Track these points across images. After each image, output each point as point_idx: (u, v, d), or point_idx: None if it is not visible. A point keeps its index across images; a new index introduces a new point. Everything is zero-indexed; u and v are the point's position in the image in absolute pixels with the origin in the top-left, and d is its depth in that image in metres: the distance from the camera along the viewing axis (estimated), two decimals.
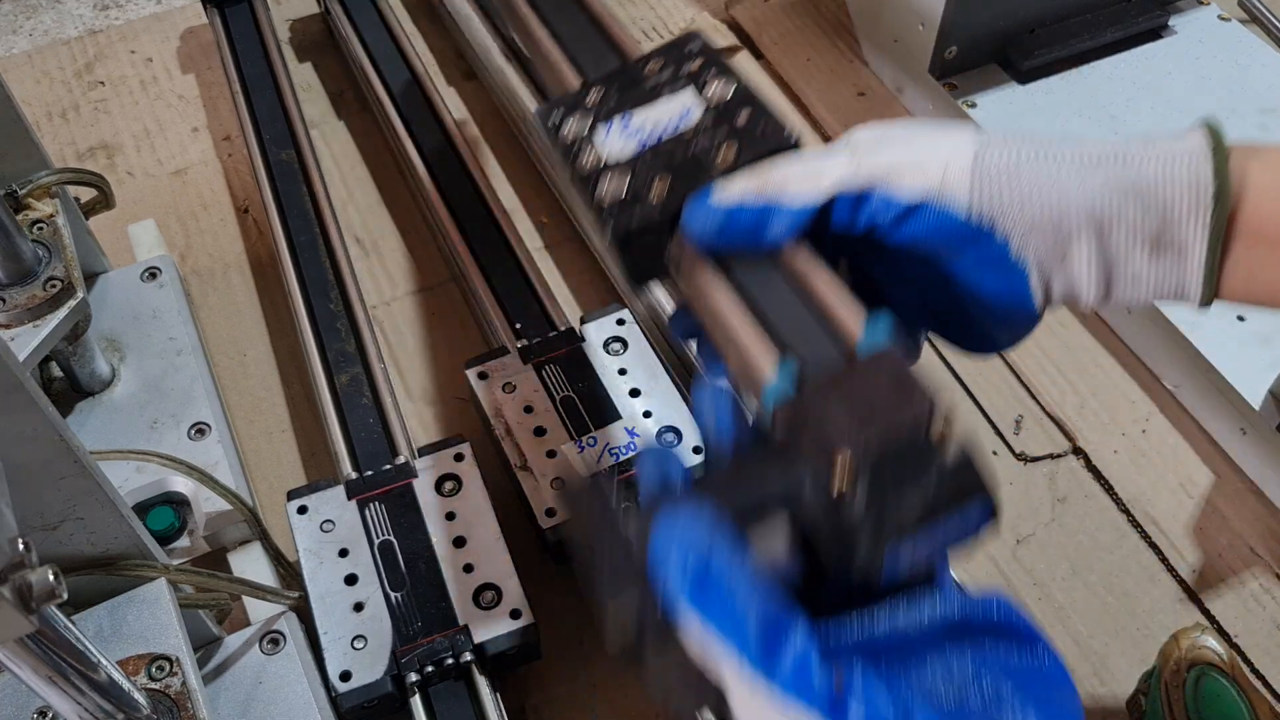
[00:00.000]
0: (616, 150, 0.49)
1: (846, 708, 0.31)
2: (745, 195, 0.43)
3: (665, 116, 0.50)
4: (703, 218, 0.43)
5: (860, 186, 0.42)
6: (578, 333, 0.81)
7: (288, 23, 1.21)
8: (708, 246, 0.44)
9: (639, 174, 0.48)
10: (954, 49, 1.00)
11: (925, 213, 0.41)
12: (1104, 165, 0.40)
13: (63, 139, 1.11)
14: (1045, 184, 0.40)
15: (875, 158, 0.42)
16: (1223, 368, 0.79)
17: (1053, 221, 0.40)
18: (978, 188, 0.41)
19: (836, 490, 0.35)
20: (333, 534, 0.70)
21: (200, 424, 0.79)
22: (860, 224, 0.42)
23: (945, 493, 0.35)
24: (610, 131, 0.50)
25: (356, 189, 1.05)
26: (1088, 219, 0.40)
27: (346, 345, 0.83)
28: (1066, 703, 0.35)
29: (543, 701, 0.73)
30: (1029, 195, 0.40)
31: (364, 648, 0.65)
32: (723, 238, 0.43)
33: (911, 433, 0.36)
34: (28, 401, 0.47)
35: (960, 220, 0.41)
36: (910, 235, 0.42)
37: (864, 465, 0.35)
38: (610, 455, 0.73)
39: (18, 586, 0.38)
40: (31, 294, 0.72)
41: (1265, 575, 0.78)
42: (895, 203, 0.42)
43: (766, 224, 0.42)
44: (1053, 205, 0.40)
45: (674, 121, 0.50)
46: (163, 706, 0.55)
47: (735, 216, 0.43)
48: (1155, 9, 1.05)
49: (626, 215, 0.46)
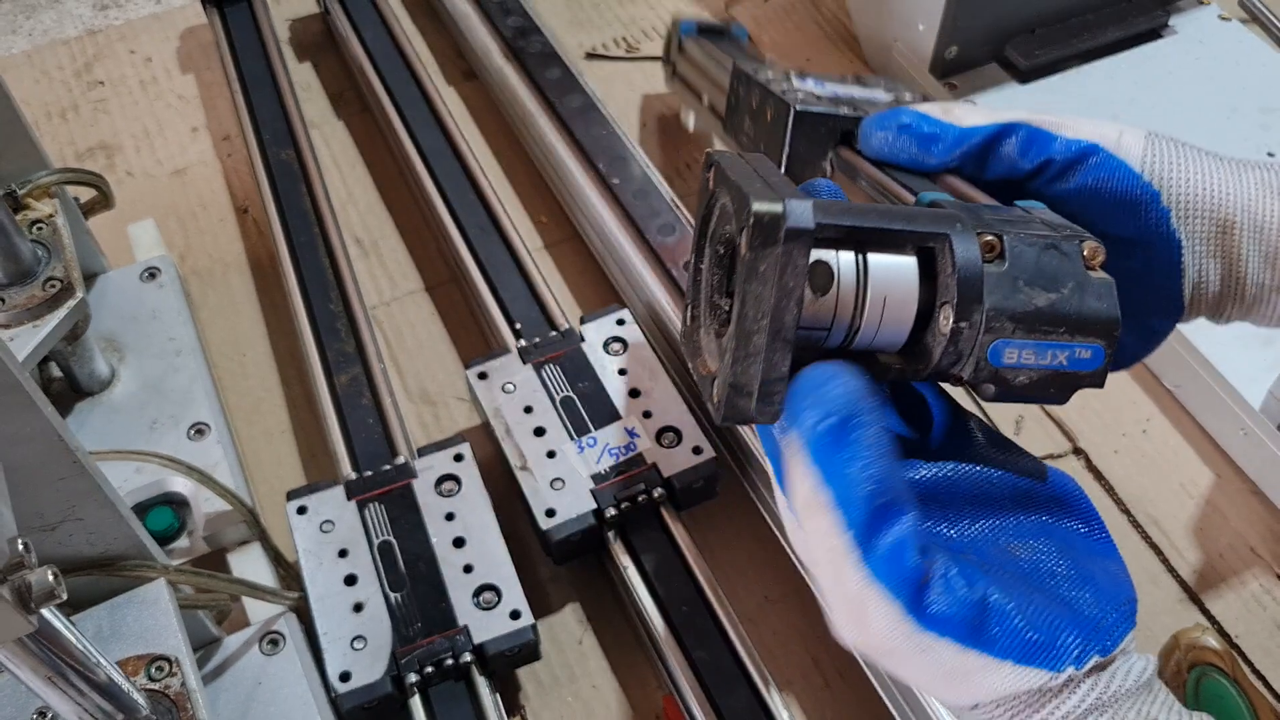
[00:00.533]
0: (810, 89, 0.58)
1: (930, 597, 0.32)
2: (927, 110, 0.44)
3: (857, 92, 0.60)
4: (883, 120, 0.45)
5: (1036, 124, 0.42)
6: (578, 333, 0.81)
7: (288, 23, 1.21)
8: (879, 149, 0.45)
9: (827, 100, 0.55)
10: (954, 49, 1.00)
11: (1100, 158, 0.41)
12: (1257, 170, 0.42)
13: (62, 139, 1.10)
14: (1209, 169, 0.41)
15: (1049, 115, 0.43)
16: (1223, 368, 0.79)
17: (1214, 203, 0.41)
18: (1151, 151, 0.42)
19: (982, 241, 0.35)
20: (332, 534, 0.70)
21: (200, 424, 0.79)
22: (1030, 161, 0.42)
23: (1073, 308, 0.34)
24: (806, 80, 0.60)
25: (356, 189, 1.05)
26: (1243, 210, 0.41)
27: (346, 345, 0.83)
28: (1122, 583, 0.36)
29: (542, 703, 0.73)
30: (1195, 174, 0.41)
31: (364, 648, 0.65)
32: (895, 144, 0.44)
33: (1068, 234, 0.36)
34: (27, 402, 0.47)
35: (1133, 173, 0.41)
36: (1078, 183, 0.42)
37: (1017, 238, 0.35)
38: (610, 455, 0.73)
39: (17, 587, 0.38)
40: (31, 294, 0.72)
41: (1266, 575, 0.78)
42: (1072, 142, 0.42)
43: (937, 138, 0.43)
44: (1215, 189, 0.41)
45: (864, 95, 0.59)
46: (162, 707, 0.55)
47: (911, 125, 0.44)
48: (1155, 9, 1.05)
49: (815, 109, 0.54)
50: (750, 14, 1.19)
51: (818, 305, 0.35)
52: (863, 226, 0.35)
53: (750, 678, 0.66)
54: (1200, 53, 1.04)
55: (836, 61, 1.14)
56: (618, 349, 0.80)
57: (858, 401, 0.34)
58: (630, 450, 0.74)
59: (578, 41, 1.18)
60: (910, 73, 1.03)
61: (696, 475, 0.73)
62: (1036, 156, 0.42)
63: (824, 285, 0.35)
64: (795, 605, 0.76)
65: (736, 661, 0.67)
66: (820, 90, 0.59)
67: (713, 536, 0.79)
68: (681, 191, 1.02)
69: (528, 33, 1.06)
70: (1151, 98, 1.00)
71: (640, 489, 0.72)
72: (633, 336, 0.80)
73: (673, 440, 0.74)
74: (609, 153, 0.94)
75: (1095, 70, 1.03)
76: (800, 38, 1.17)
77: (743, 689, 0.66)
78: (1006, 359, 0.34)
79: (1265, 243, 0.41)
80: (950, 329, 0.35)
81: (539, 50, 1.04)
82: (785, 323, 0.34)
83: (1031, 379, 0.35)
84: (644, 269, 0.87)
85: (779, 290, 0.33)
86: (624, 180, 0.92)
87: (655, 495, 0.72)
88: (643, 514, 0.73)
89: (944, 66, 1.01)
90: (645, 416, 0.75)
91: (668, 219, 0.89)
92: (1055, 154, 0.42)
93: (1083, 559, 0.37)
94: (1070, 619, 0.34)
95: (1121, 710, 0.34)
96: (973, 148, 0.43)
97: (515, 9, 1.09)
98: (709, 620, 0.69)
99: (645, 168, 0.93)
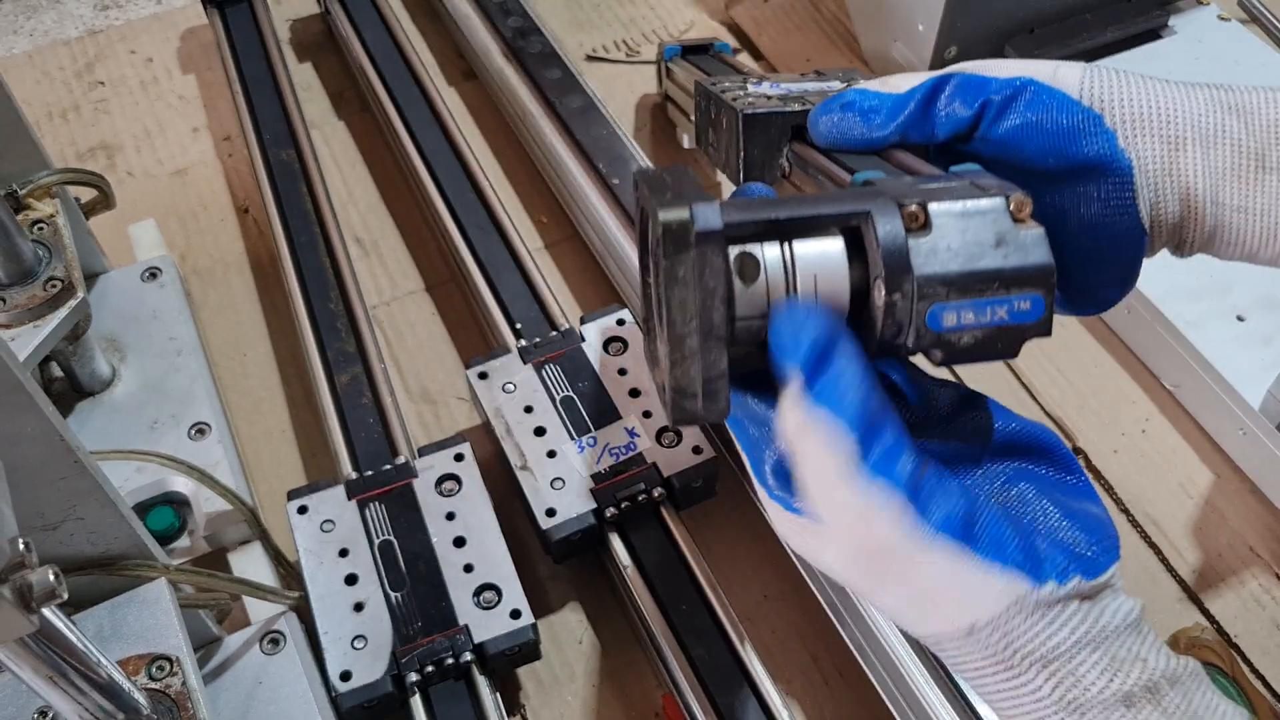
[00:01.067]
0: (764, 91, 0.60)
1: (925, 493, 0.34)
2: (865, 85, 0.46)
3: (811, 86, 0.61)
4: (827, 105, 0.46)
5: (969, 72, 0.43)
6: (578, 333, 0.81)
7: (288, 23, 1.21)
8: (827, 134, 0.46)
9: (780, 100, 0.57)
10: (954, 49, 1.00)
11: (1035, 89, 0.42)
12: (1205, 89, 0.41)
13: (63, 139, 1.11)
14: (1153, 89, 0.41)
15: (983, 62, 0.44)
16: (1223, 368, 0.79)
17: (1162, 119, 0.41)
18: (1090, 78, 0.42)
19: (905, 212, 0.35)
20: (333, 534, 0.70)
21: (200, 424, 0.79)
22: (968, 107, 0.42)
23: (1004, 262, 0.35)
24: (762, 85, 0.62)
25: (356, 189, 1.05)
26: (1192, 127, 0.40)
27: (346, 345, 0.83)
28: (1104, 521, 0.37)
29: (542, 702, 0.73)
30: (1138, 94, 0.41)
31: (364, 648, 0.65)
32: (841, 126, 0.45)
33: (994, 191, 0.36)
34: (28, 402, 0.48)
35: (1070, 100, 0.41)
36: (1018, 120, 0.42)
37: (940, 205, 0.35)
38: (610, 455, 0.73)
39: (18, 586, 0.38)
40: (32, 294, 0.72)
41: (1265, 575, 0.78)
42: (1005, 80, 0.42)
43: (877, 109, 0.44)
44: (1161, 107, 0.41)
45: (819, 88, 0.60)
46: (163, 707, 0.55)
47: (853, 103, 0.45)
48: (1155, 9, 1.05)
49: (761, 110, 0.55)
50: (750, 14, 1.19)
51: (750, 295, 0.36)
52: (780, 217, 0.36)
53: (750, 676, 0.66)
54: (1200, 53, 1.04)
55: (836, 62, 1.14)
56: (618, 349, 0.80)
57: (837, 328, 0.35)
58: (630, 450, 0.74)
59: (578, 42, 1.18)
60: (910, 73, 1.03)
61: (696, 475, 0.73)
62: (972, 101, 0.42)
63: (754, 275, 0.36)
64: (794, 603, 0.76)
65: (736, 660, 0.67)
66: (774, 91, 0.61)
67: (712, 536, 0.79)
68: None
69: (528, 33, 1.06)
70: None
71: (640, 488, 0.72)
72: (633, 336, 0.81)
73: (673, 440, 0.74)
74: (609, 153, 0.94)
75: None
76: (800, 38, 1.17)
77: (742, 688, 0.66)
78: (946, 322, 0.35)
79: (1219, 158, 0.40)
80: (885, 302, 0.36)
81: (539, 51, 1.04)
82: (714, 321, 0.35)
83: (976, 338, 0.36)
84: None
85: (701, 291, 0.35)
86: (624, 180, 0.92)
87: (655, 495, 0.72)
88: (642, 513, 0.73)
89: (944, 67, 1.01)
90: (645, 416, 0.76)
91: None
92: (991, 94, 0.42)
93: (1064, 500, 0.37)
94: (1053, 539, 0.35)
95: (1112, 648, 0.34)
96: (914, 111, 0.44)
97: (515, 9, 1.09)
98: (709, 619, 0.69)
99: None
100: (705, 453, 0.73)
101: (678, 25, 1.20)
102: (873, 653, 0.69)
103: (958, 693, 0.63)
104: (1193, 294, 0.85)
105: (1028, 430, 0.40)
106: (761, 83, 0.64)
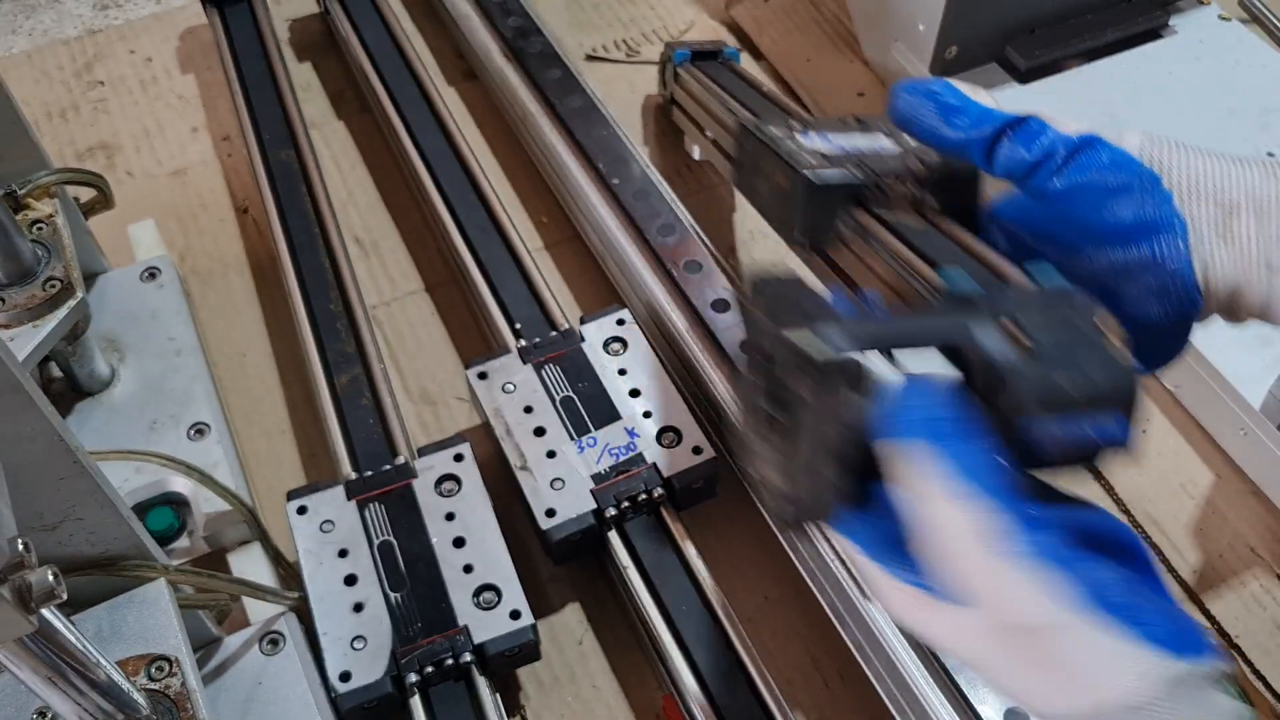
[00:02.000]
0: (818, 146, 0.61)
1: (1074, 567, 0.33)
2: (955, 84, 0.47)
3: (862, 143, 0.61)
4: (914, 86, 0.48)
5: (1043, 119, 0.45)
6: (578, 333, 0.81)
7: (288, 23, 1.21)
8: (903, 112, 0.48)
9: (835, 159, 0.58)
10: (954, 49, 1.00)
11: (1099, 146, 0.43)
12: (1259, 163, 0.42)
13: (62, 139, 1.11)
14: (1209, 159, 0.43)
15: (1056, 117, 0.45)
16: (1223, 368, 0.79)
17: (1216, 186, 0.42)
18: (1149, 144, 0.43)
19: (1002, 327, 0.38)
20: (332, 534, 0.70)
21: (200, 424, 0.79)
22: (1034, 153, 0.44)
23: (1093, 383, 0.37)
24: (810, 136, 0.62)
25: (356, 189, 1.05)
26: (1246, 194, 0.42)
27: (346, 345, 0.83)
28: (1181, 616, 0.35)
29: (542, 703, 0.73)
30: (1194, 162, 0.43)
31: (364, 648, 0.65)
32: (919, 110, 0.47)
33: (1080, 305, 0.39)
34: (27, 402, 0.47)
35: (1132, 159, 0.43)
36: (1080, 172, 0.43)
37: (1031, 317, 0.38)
38: (610, 455, 0.73)
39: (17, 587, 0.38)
40: (31, 294, 0.72)
41: (1266, 576, 0.78)
42: (1069, 136, 0.44)
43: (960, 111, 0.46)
44: (1216, 175, 0.42)
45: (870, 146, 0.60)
46: (162, 707, 0.55)
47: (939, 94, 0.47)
48: (1155, 9, 1.05)
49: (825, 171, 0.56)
50: (750, 14, 1.19)
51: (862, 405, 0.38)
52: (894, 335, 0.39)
53: (750, 678, 0.66)
54: (1200, 53, 1.04)
55: (836, 62, 1.14)
56: (618, 349, 0.80)
57: (965, 402, 0.36)
58: (630, 450, 0.74)
59: (578, 42, 1.18)
60: (910, 73, 1.03)
61: (696, 475, 0.73)
62: (1041, 148, 0.44)
63: (867, 388, 0.38)
64: (795, 605, 0.76)
65: (736, 661, 0.67)
66: (827, 147, 0.61)
67: (713, 536, 0.79)
68: (681, 192, 1.02)
69: (528, 33, 1.06)
70: (1151, 98, 1.00)
71: (640, 489, 0.72)
72: (633, 336, 0.81)
73: (673, 440, 0.74)
74: (609, 153, 0.94)
75: (1095, 70, 1.03)
76: (800, 38, 1.17)
77: (743, 689, 0.66)
78: (1034, 434, 0.36)
79: (1273, 225, 0.41)
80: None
81: (539, 51, 1.04)
82: (829, 438, 0.37)
83: (1060, 451, 0.37)
84: (644, 269, 0.87)
85: (819, 408, 0.37)
86: (624, 180, 0.92)
87: (655, 495, 0.72)
88: (643, 514, 0.73)
89: (944, 66, 1.01)
90: (645, 416, 0.76)
91: (668, 219, 0.89)
92: (1058, 144, 0.44)
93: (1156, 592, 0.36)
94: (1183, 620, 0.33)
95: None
96: (987, 131, 0.45)
97: (515, 9, 1.09)
98: (709, 620, 0.69)
99: (645, 168, 0.93)
100: (705, 453, 0.73)
101: (678, 25, 1.20)
102: (873, 654, 0.68)
103: (958, 694, 0.63)
104: None
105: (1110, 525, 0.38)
106: (808, 133, 0.64)
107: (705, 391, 0.80)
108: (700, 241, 0.88)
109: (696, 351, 0.81)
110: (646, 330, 0.82)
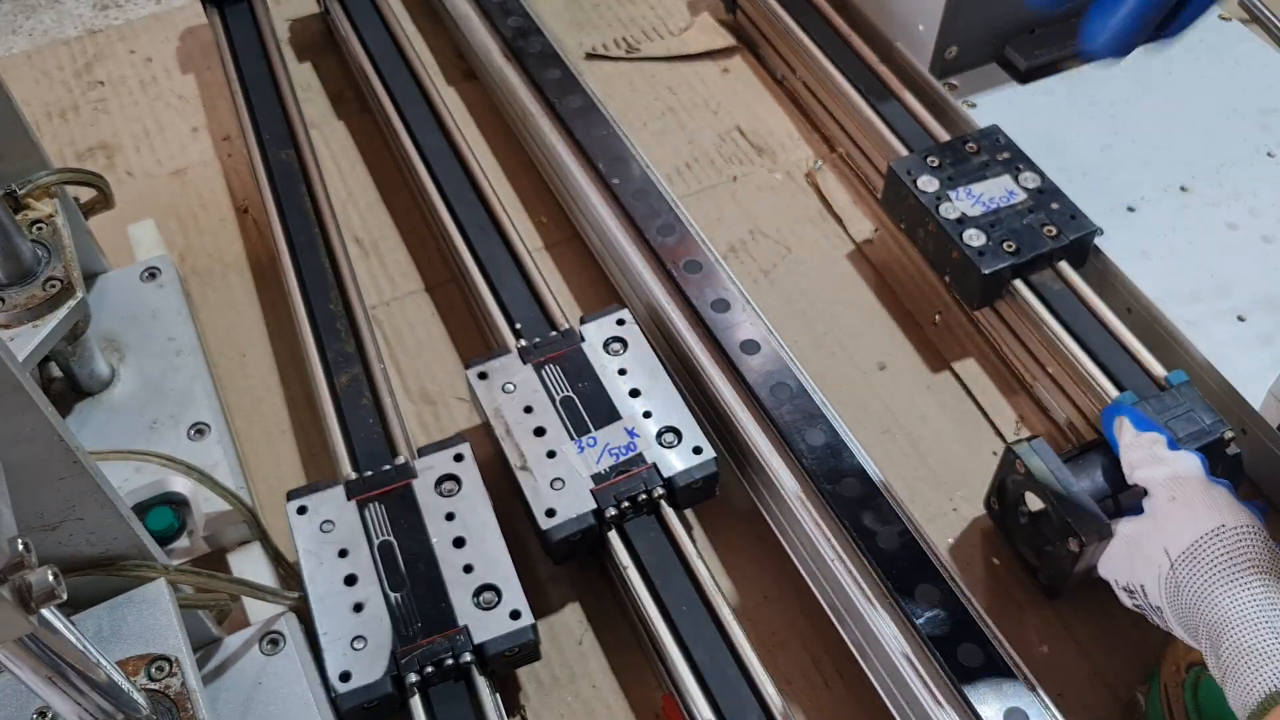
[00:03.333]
0: (968, 209, 0.84)
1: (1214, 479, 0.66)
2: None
3: (996, 192, 0.85)
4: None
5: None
6: (578, 333, 0.81)
7: (288, 23, 1.21)
8: None
9: (991, 233, 0.83)
10: (954, 49, 1.00)
11: None
12: None
13: (62, 139, 1.11)
14: None
15: None
16: (1223, 368, 0.79)
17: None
18: None
19: None
20: (332, 534, 0.70)
21: (200, 424, 0.79)
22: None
23: None
24: (958, 194, 0.85)
25: (356, 189, 1.05)
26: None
27: (346, 345, 0.83)
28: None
29: (542, 703, 0.73)
30: None
31: (364, 648, 0.65)
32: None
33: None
34: (27, 402, 0.47)
35: None
36: None
37: None
38: (610, 455, 0.73)
39: (17, 587, 0.38)
40: (31, 294, 0.72)
41: None
42: None
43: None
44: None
45: (1004, 197, 0.85)
46: (162, 707, 0.55)
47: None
48: None
49: (990, 259, 0.81)
50: None
51: None
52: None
53: (750, 677, 0.66)
54: (1200, 53, 1.04)
55: None
56: (618, 349, 0.80)
57: None
58: (630, 450, 0.74)
59: (578, 42, 1.18)
60: (910, 73, 1.03)
61: (696, 475, 0.73)
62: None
63: None
64: (794, 604, 0.76)
65: (736, 661, 0.67)
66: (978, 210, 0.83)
67: (713, 536, 0.79)
68: (681, 192, 1.03)
69: (528, 33, 1.06)
70: (1151, 98, 1.00)
71: (640, 489, 0.72)
72: (633, 336, 0.81)
73: (673, 440, 0.74)
74: (609, 153, 0.94)
75: (1095, 70, 1.03)
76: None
77: (742, 689, 0.66)
78: None
79: None
80: None
81: (539, 51, 1.04)
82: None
83: None
84: (644, 269, 0.87)
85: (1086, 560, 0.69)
86: (624, 180, 0.92)
87: (655, 495, 0.72)
88: (643, 514, 0.73)
89: (944, 66, 1.01)
90: (645, 416, 0.76)
91: (668, 219, 0.89)
92: None
93: None
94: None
95: None
96: None
97: (515, 9, 1.09)
98: (709, 620, 0.69)
99: (645, 168, 0.93)
100: (705, 453, 0.73)
101: (678, 24, 1.20)
102: (873, 654, 0.68)
103: (958, 694, 0.63)
104: (1193, 294, 0.85)
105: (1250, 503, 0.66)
106: (958, 191, 0.84)
107: (705, 391, 0.80)
108: (700, 241, 0.88)
109: (696, 351, 0.81)
110: (646, 330, 0.82)
